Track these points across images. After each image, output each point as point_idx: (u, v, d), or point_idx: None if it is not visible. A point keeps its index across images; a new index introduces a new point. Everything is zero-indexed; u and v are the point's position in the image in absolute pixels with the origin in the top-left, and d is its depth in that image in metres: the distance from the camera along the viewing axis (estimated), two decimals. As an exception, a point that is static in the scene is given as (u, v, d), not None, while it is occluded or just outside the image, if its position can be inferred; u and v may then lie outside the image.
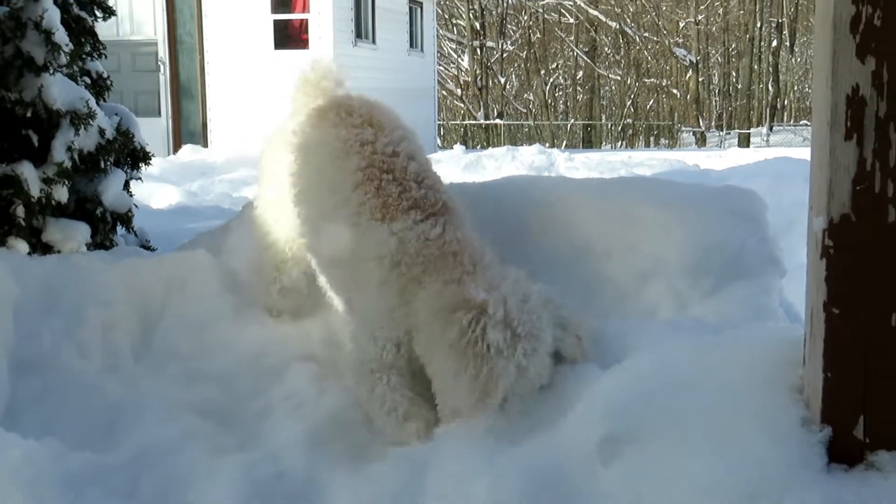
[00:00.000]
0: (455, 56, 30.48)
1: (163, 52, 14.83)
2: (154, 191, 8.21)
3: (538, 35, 32.27)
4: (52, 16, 3.72)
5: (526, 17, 31.25)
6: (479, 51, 30.14)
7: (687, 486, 1.93)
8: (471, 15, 29.68)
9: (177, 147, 14.62)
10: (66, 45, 3.80)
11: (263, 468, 2.33)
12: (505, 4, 31.03)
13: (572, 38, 30.96)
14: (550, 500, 2.03)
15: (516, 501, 2.04)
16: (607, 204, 3.00)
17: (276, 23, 14.33)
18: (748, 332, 2.33)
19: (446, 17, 30.11)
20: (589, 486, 2.03)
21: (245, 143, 12.54)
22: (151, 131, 11.73)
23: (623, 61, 31.13)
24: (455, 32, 31.07)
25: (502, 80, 31.01)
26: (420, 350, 2.48)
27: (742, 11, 31.53)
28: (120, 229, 4.44)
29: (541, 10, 31.96)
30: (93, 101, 4.05)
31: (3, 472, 2.07)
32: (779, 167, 9.15)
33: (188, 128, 15.36)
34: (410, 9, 17.54)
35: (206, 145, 14.79)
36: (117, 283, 3.06)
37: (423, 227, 2.54)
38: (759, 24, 31.47)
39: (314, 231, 2.75)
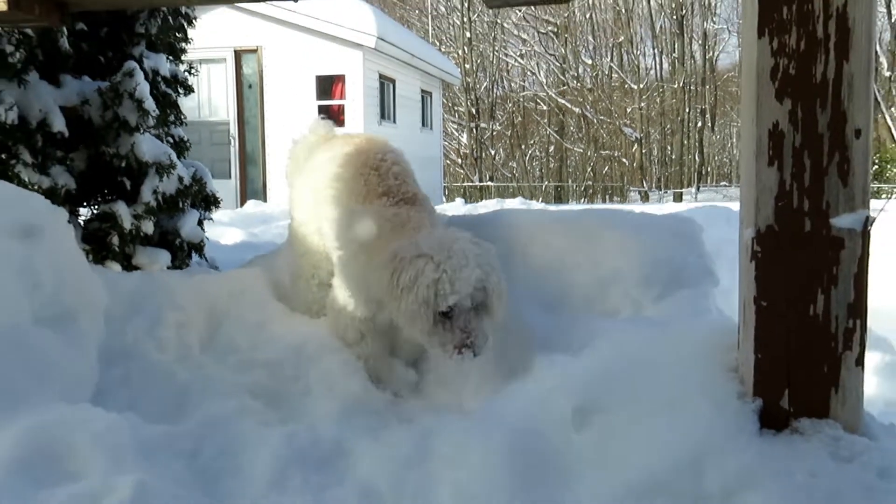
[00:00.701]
0: (456, 133, 30.62)
1: (234, 129, 14.89)
2: (224, 232, 8.12)
3: (520, 118, 32.45)
4: (143, 88, 3.66)
5: (510, 105, 31.53)
6: (474, 130, 30.30)
7: (646, 447, 1.81)
8: (468, 103, 29.88)
9: (243, 202, 14.60)
10: (154, 111, 3.74)
11: (302, 436, 2.20)
12: (494, 95, 31.33)
13: (545, 120, 31.16)
14: (532, 456, 1.91)
15: (505, 458, 1.92)
16: (576, 227, 2.91)
17: (320, 107, 14.42)
18: (691, 325, 2.23)
19: (450, 104, 30.31)
20: (564, 447, 1.91)
21: (295, 199, 12.52)
22: (224, 190, 11.73)
23: (584, 138, 31.25)
24: (456, 116, 31.27)
25: (492, 153, 31.11)
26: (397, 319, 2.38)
27: (674, 100, 31.74)
28: (194, 256, 4.35)
29: (521, 100, 32.23)
30: (174, 156, 3.99)
31: (88, 440, 1.95)
32: (706, 212, 9.01)
33: (252, 187, 15.37)
34: (423, 97, 17.63)
35: (265, 200, 14.77)
36: (190, 292, 2.96)
37: (390, 209, 2.50)
38: (687, 110, 31.66)
39: (328, 225, 2.71)
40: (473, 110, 30.43)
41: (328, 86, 14.56)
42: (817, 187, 1.75)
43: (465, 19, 29.30)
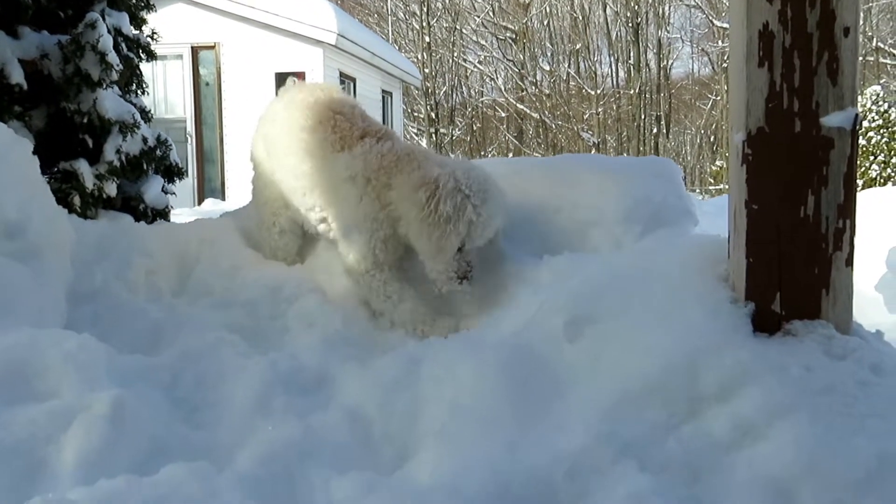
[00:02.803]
0: (416, 138, 30.65)
1: (190, 127, 14.60)
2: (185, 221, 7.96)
3: (479, 124, 32.63)
4: (107, 40, 3.55)
5: (469, 110, 31.69)
6: (434, 135, 30.37)
7: (638, 351, 1.80)
8: (427, 108, 29.95)
9: (201, 200, 14.31)
10: (117, 65, 3.63)
11: (284, 363, 2.14)
12: (454, 100, 31.47)
13: (504, 126, 31.41)
14: (523, 369, 1.88)
15: (496, 372, 1.88)
16: (554, 172, 2.90)
17: (280, 104, 14.21)
18: (679, 240, 2.23)
19: (409, 110, 30.33)
20: (556, 358, 1.89)
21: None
22: (181, 189, 11.51)
23: (543, 143, 31.59)
24: (415, 122, 31.29)
25: (452, 157, 31.19)
26: (404, 231, 2.45)
27: (630, 107, 32.31)
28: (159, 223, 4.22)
29: (480, 105, 32.43)
30: (138, 115, 3.87)
31: (59, 359, 1.86)
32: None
33: (210, 186, 15.07)
34: (383, 97, 17.59)
35: (224, 199, 14.51)
36: (159, 239, 2.87)
37: (378, 146, 2.54)
38: (643, 117, 32.26)
39: (303, 178, 2.66)
40: (433, 115, 30.51)
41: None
42: (807, 87, 1.77)
43: (424, 24, 29.40)
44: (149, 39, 4.34)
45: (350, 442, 1.86)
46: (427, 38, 29.56)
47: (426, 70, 28.96)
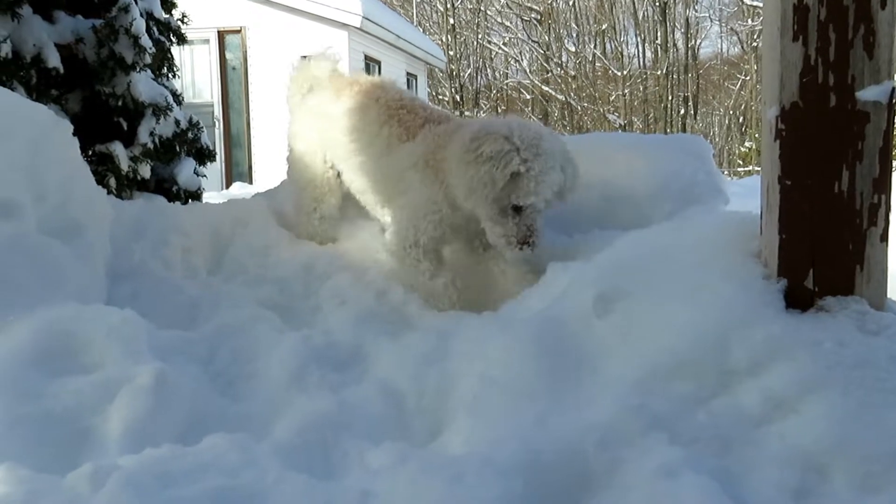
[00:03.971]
0: (441, 122, 30.58)
1: (218, 111, 14.71)
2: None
3: (503, 107, 32.46)
4: (140, 24, 3.61)
5: (494, 93, 31.51)
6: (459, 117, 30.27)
7: (667, 325, 1.81)
8: (452, 90, 29.87)
9: (228, 184, 14.45)
10: (150, 48, 3.69)
11: (318, 339, 2.19)
12: (478, 83, 31.31)
13: (530, 108, 31.19)
14: (553, 344, 1.90)
15: (526, 347, 1.90)
16: (584, 150, 2.89)
17: (306, 87, 14.26)
18: (709, 217, 2.22)
19: (433, 93, 30.26)
20: (585, 333, 1.90)
21: (280, 178, 12.44)
22: (209, 172, 11.66)
23: (569, 125, 31.36)
24: (440, 104, 31.23)
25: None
26: (461, 196, 2.40)
27: (658, 88, 31.85)
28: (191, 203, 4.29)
29: (505, 87, 32.24)
30: (170, 98, 3.94)
31: (103, 332, 1.92)
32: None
33: (238, 170, 15.21)
34: (408, 80, 17.57)
35: (251, 182, 14.65)
36: (194, 219, 2.93)
37: (437, 129, 2.55)
38: (670, 98, 31.79)
39: (356, 164, 2.69)
40: (458, 97, 30.42)
41: (313, 66, 14.46)
42: (842, 61, 1.75)
43: (449, 6, 29.24)
44: (179, 23, 4.39)
45: (384, 414, 1.90)
46: (451, 20, 29.40)
47: (451, 52, 28.84)
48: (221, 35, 14.37)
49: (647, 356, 1.79)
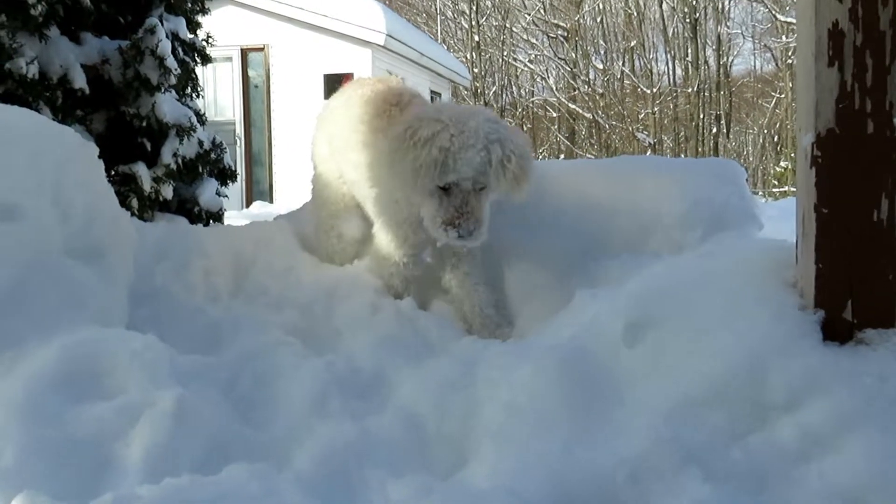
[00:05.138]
0: (464, 140, 30.74)
1: (239, 129, 14.93)
2: (235, 222, 8.16)
3: (529, 125, 32.55)
4: (165, 45, 3.70)
5: (520, 110, 31.63)
6: (483, 136, 30.38)
7: (700, 355, 1.80)
8: (477, 108, 30.06)
9: (249, 203, 14.63)
10: (175, 69, 3.78)
11: (340, 365, 2.20)
12: (503, 100, 31.45)
13: (556, 126, 31.27)
14: (582, 373, 1.90)
15: (553, 375, 1.91)
16: (612, 174, 2.91)
17: (328, 106, 14.44)
18: (743, 244, 2.22)
19: (457, 110, 30.42)
20: (615, 361, 1.90)
21: (302, 198, 12.57)
22: (229, 191, 11.86)
23: (596, 144, 31.35)
24: (464, 122, 31.36)
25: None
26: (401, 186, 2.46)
27: (688, 105, 31.75)
28: (213, 224, 4.36)
29: (531, 105, 32.37)
30: (194, 118, 4.02)
31: (126, 357, 1.96)
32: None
33: (258, 188, 15.41)
34: (432, 98, 17.72)
35: (272, 202, 14.81)
36: (216, 241, 2.98)
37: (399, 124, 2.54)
38: (701, 116, 31.67)
39: (355, 172, 2.74)
40: (482, 116, 30.56)
41: (336, 84, 14.54)
42: (880, 87, 1.75)
43: (473, 23, 29.50)
44: (204, 43, 4.49)
45: (406, 443, 1.91)
46: (476, 37, 29.65)
47: (475, 70, 29.05)
48: (244, 53, 14.63)
49: (679, 386, 1.78)
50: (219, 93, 14.75)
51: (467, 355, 2.19)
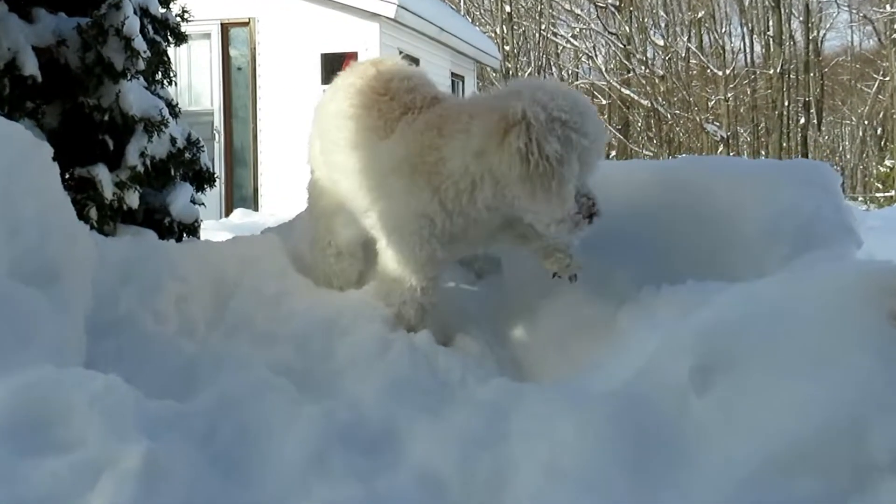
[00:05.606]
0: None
1: (218, 121, 15.06)
2: (213, 236, 8.23)
3: (572, 114, 32.58)
4: (133, 23, 3.78)
5: (560, 97, 31.57)
6: (515, 128, 30.47)
7: (786, 406, 1.81)
8: (507, 94, 30.16)
9: (229, 211, 14.75)
10: (144, 51, 3.85)
11: (342, 413, 2.22)
12: (540, 84, 31.46)
13: (606, 116, 31.27)
14: (638, 426, 1.91)
15: (603, 429, 1.92)
16: (674, 181, 2.93)
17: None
18: (837, 266, 2.22)
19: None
20: (679, 413, 1.92)
21: (294, 206, 12.66)
22: (206, 198, 11.93)
23: (655, 137, 31.31)
24: (493, 112, 31.49)
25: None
26: (487, 192, 2.51)
27: (770, 91, 31.59)
28: (187, 239, 4.42)
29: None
30: (166, 111, 4.09)
31: (83, 399, 1.99)
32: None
33: (240, 193, 15.51)
34: (453, 82, 17.83)
35: (256, 209, 14.91)
36: (191, 261, 3.02)
37: (418, 121, 2.64)
38: (786, 103, 31.48)
39: (351, 177, 2.80)
40: (514, 103, 30.68)
41: (336, 66, 14.50)
42: None
43: (504, -9, 29.71)
44: (178, 20, 4.58)
45: (423, 511, 1.92)
46: (508, 8, 29.83)
47: (506, 48, 29.22)
48: (225, 28, 14.82)
49: (760, 444, 1.79)
50: (194, 77, 14.94)
51: (497, 402, 2.20)
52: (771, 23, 31.41)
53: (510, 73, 29.03)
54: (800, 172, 2.86)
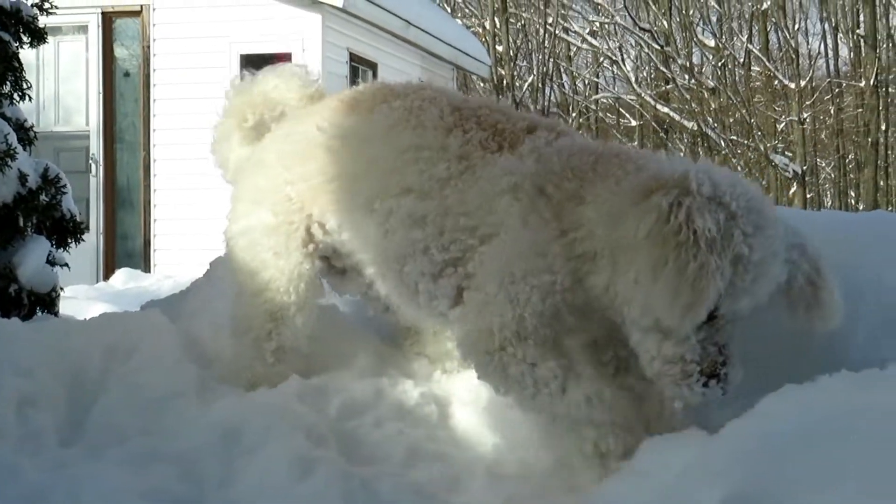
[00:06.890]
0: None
1: (96, 147, 15.08)
2: (83, 308, 8.21)
3: (591, 138, 32.89)
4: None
5: (575, 115, 31.88)
6: (511, 159, 30.64)
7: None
8: (502, 112, 30.38)
9: (108, 272, 14.68)
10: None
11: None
12: (546, 98, 31.78)
13: (636, 140, 31.53)
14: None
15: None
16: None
17: (247, 107, 14.65)
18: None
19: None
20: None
21: (199, 266, 12.63)
22: (77, 253, 11.76)
23: (705, 173, 31.59)
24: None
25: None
26: (599, 278, 2.53)
27: (861, 109, 31.92)
28: (40, 315, 4.43)
29: (594, 107, 32.70)
30: (13, 138, 4.12)
31: None
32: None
33: (125, 247, 15.48)
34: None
35: (148, 269, 14.86)
36: (41, 349, 3.03)
37: (560, 142, 2.76)
38: (883, 127, 31.72)
39: (388, 214, 2.91)
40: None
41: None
42: None
43: (497, -28, 30.11)
44: (35, 11, 4.64)
45: None
46: (501, -4, 30.17)
47: (499, 48, 29.55)
48: (108, 19, 14.96)
49: None
50: (63, 86, 15.00)
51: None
52: (862, 18, 31.86)
53: (504, 82, 29.30)
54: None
